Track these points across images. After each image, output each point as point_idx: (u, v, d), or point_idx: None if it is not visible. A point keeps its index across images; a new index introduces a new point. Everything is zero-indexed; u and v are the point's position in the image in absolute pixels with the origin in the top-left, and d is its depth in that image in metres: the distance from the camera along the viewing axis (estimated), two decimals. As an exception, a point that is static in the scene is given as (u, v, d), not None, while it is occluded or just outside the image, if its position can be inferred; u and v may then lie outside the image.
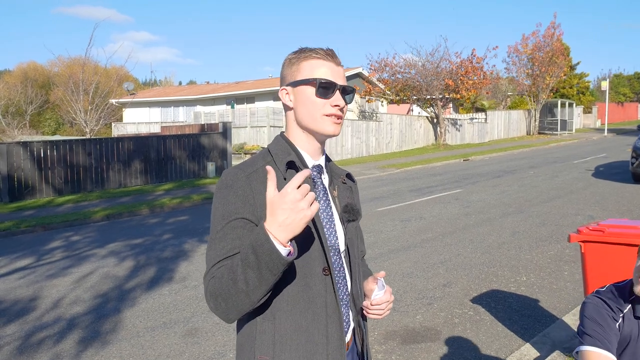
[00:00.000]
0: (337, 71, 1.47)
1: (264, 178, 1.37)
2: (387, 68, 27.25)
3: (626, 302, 1.94)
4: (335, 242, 1.47)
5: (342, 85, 1.46)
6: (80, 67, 22.01)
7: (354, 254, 1.53)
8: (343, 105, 1.46)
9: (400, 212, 9.97)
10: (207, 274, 1.33)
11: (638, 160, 12.18)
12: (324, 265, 1.40)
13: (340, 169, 1.63)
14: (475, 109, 35.57)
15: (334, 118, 1.45)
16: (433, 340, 4.30)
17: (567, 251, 6.78)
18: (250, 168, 1.41)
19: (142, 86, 55.02)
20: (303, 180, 1.21)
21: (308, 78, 1.44)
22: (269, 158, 1.46)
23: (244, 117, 24.25)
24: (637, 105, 53.88)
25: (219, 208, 1.38)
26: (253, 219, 1.36)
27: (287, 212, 1.19)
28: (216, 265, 1.32)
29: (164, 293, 5.77)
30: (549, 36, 30.99)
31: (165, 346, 4.38)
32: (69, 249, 8.14)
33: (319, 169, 1.51)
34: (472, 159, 20.82)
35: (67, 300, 5.64)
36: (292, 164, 1.44)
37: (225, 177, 1.40)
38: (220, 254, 1.33)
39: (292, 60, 1.48)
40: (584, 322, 1.95)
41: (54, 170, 14.25)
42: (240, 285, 1.24)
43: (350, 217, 1.52)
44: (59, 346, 4.45)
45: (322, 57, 1.46)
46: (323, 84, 1.43)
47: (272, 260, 1.20)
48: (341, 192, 1.56)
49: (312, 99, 1.44)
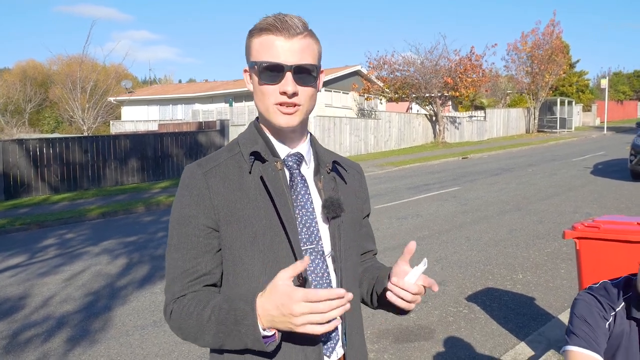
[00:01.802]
0: (289, 47, 1.19)
1: (225, 174, 1.23)
2: (385, 66, 27.15)
3: (619, 300, 1.87)
4: (319, 244, 1.26)
5: (293, 65, 1.18)
6: (79, 65, 21.91)
7: (339, 257, 1.27)
8: (292, 91, 1.18)
9: (397, 209, 9.90)
10: (170, 304, 1.21)
11: (637, 158, 12.11)
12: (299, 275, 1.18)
13: (331, 154, 1.39)
14: (474, 107, 35.48)
15: (283, 107, 1.20)
16: (427, 339, 4.24)
17: (564, 249, 6.71)
18: (210, 163, 1.25)
19: (140, 84, 54.96)
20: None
21: (253, 61, 1.22)
22: (236, 149, 1.28)
23: (242, 115, 24.19)
24: (637, 104, 53.80)
25: (174, 211, 1.26)
26: (210, 223, 1.21)
27: (276, 309, 1.06)
28: (178, 300, 1.20)
29: (155, 291, 5.71)
30: (548, 34, 30.88)
31: (155, 345, 4.31)
32: (63, 247, 8.07)
33: (298, 158, 1.29)
34: (470, 157, 20.75)
35: (58, 298, 5.57)
36: (257, 155, 1.25)
37: (183, 175, 1.26)
38: (177, 273, 1.21)
39: (248, 35, 1.25)
40: (573, 320, 1.88)
41: (50, 168, 14.17)
42: (206, 337, 1.16)
43: (330, 214, 1.26)
44: (47, 345, 4.38)
45: (270, 30, 1.19)
46: (267, 67, 1.18)
47: (248, 337, 1.09)
48: (326, 183, 1.31)
49: (258, 86, 1.22)
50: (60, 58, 39.40)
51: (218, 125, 18.39)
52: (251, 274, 1.21)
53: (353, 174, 1.44)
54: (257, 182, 1.23)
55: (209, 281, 1.23)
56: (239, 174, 1.24)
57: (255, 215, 1.21)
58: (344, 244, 1.29)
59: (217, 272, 1.24)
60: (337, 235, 1.28)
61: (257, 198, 1.22)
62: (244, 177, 1.23)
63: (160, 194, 13.30)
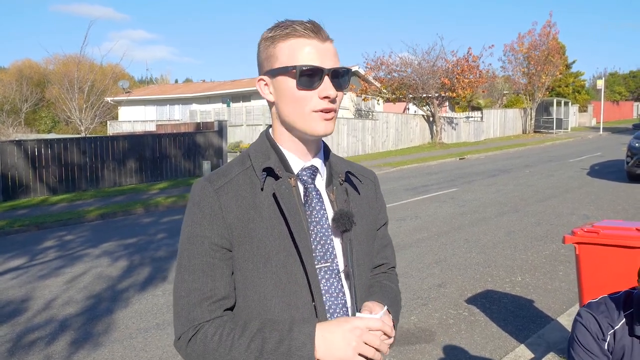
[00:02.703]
0: (324, 50, 1.16)
1: (238, 191, 1.18)
2: (383, 66, 27.20)
3: (620, 317, 1.91)
4: (334, 262, 1.21)
5: (331, 69, 1.15)
6: (76, 65, 21.88)
7: (353, 274, 1.22)
8: (335, 95, 1.16)
9: (396, 211, 9.95)
10: (188, 331, 1.13)
11: (633, 159, 12.20)
12: (311, 296, 1.17)
13: (344, 163, 1.34)
14: (471, 107, 35.58)
15: (324, 114, 1.16)
16: (428, 341, 4.28)
17: (562, 251, 6.77)
18: (221, 179, 1.19)
19: (137, 84, 54.84)
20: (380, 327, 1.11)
21: (287, 66, 1.14)
22: (248, 163, 1.22)
23: (239, 115, 24.21)
24: (633, 104, 54.03)
25: (185, 228, 1.19)
26: (223, 242, 1.16)
27: (342, 335, 1.08)
28: (201, 326, 1.12)
29: (157, 294, 5.74)
30: (544, 35, 31.00)
31: (159, 348, 4.34)
32: (62, 249, 8.09)
33: (312, 172, 1.24)
34: (467, 157, 20.82)
35: (60, 301, 5.60)
36: (270, 171, 1.19)
37: (193, 191, 1.19)
38: (194, 296, 1.14)
39: (267, 41, 1.19)
40: (574, 346, 1.94)
41: (48, 169, 14.17)
42: None
43: (340, 227, 1.19)
44: (51, 348, 4.41)
45: (303, 34, 1.15)
46: (306, 72, 1.13)
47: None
48: (338, 195, 1.26)
49: (294, 92, 1.15)
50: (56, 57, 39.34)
51: (216, 126, 18.40)
52: (262, 296, 1.17)
53: (367, 183, 1.38)
54: (270, 200, 1.18)
55: (227, 305, 1.17)
56: (251, 190, 1.19)
57: (268, 234, 1.16)
58: (356, 260, 1.24)
59: (233, 297, 1.19)
60: (348, 250, 1.22)
61: (271, 216, 1.17)
62: (256, 194, 1.18)
63: (159, 195, 13.31)
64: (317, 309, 1.16)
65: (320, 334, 1.08)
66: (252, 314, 1.17)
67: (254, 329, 1.11)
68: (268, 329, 1.10)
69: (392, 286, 1.39)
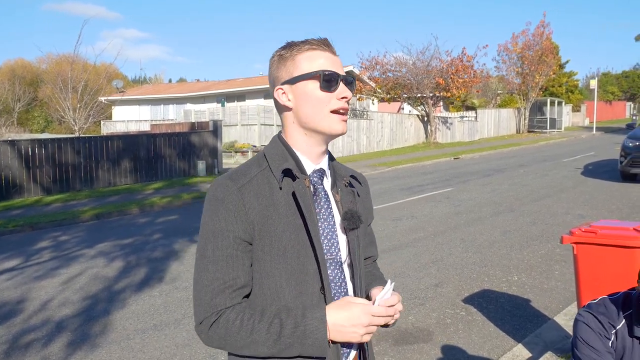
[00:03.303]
0: (335, 61, 1.35)
1: (258, 190, 1.30)
2: (378, 66, 27.27)
3: (620, 317, 1.92)
4: (337, 254, 1.36)
5: (344, 76, 1.35)
6: (69, 65, 21.73)
7: (357, 266, 1.39)
8: (350, 96, 1.35)
9: (391, 211, 9.97)
10: (210, 316, 1.25)
11: (627, 159, 12.27)
12: (321, 285, 1.31)
13: (346, 169, 1.51)
14: (465, 107, 35.69)
15: (341, 115, 1.34)
16: (425, 341, 4.30)
17: (558, 250, 6.81)
18: (243, 179, 1.31)
19: (131, 84, 54.63)
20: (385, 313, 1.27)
21: (310, 72, 1.31)
22: (264, 164, 1.35)
23: (234, 115, 24.15)
24: (625, 104, 54.39)
25: (209, 223, 1.29)
26: (246, 236, 1.27)
27: (348, 320, 1.24)
28: (223, 312, 1.25)
29: (154, 294, 5.72)
30: (538, 35, 31.16)
31: (156, 349, 4.33)
32: (58, 250, 8.05)
33: (321, 174, 1.39)
34: (462, 157, 20.89)
35: (56, 302, 5.57)
36: (288, 172, 1.32)
37: (215, 189, 1.30)
38: (217, 284, 1.26)
39: (284, 56, 1.35)
40: (578, 346, 1.94)
41: (42, 169, 14.09)
42: (259, 348, 1.24)
43: (350, 225, 1.36)
44: (47, 349, 4.39)
45: (318, 47, 1.34)
46: (327, 76, 1.31)
47: (314, 348, 1.23)
48: (344, 196, 1.42)
49: (316, 94, 1.32)
50: (49, 57, 39.16)
51: (211, 126, 18.36)
52: (277, 285, 1.29)
53: (364, 186, 1.55)
54: (287, 199, 1.31)
55: (245, 293, 1.30)
56: (269, 189, 1.31)
57: (285, 230, 1.29)
58: (357, 254, 1.40)
59: (251, 285, 1.31)
60: (356, 246, 1.39)
61: (287, 213, 1.30)
62: (274, 193, 1.31)
63: (154, 195, 13.27)
64: (325, 295, 1.31)
65: (332, 317, 1.24)
66: (267, 301, 1.30)
67: (271, 314, 1.25)
68: (284, 314, 1.24)
69: (382, 274, 1.64)
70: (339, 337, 1.24)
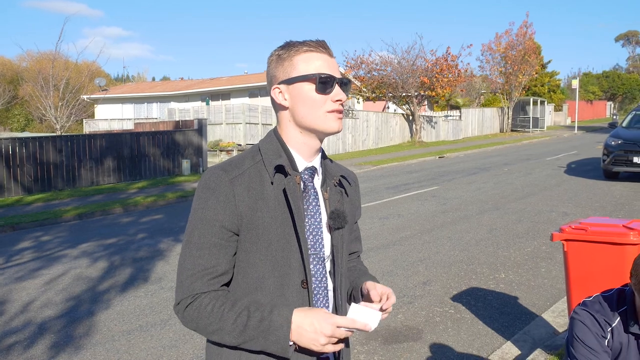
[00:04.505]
0: (332, 63, 1.39)
1: (249, 182, 1.33)
2: (363, 65, 27.29)
3: (615, 315, 1.92)
4: (321, 251, 1.40)
5: (340, 78, 1.38)
6: (50, 62, 21.41)
7: (339, 263, 1.43)
8: (345, 99, 1.38)
9: (378, 209, 9.96)
10: (186, 298, 1.29)
11: (609, 157, 12.43)
12: (303, 278, 1.35)
13: (338, 168, 1.53)
14: (449, 106, 35.91)
15: (337, 114, 1.37)
16: (415, 339, 4.28)
17: (544, 248, 6.86)
18: (236, 170, 1.34)
19: (114, 82, 54.01)
20: (353, 329, 1.27)
21: (306, 74, 1.35)
22: (258, 158, 1.38)
23: (219, 113, 23.99)
24: (606, 104, 55.21)
25: (198, 210, 1.32)
26: (233, 227, 1.31)
27: (311, 325, 1.24)
28: (198, 296, 1.29)
29: (139, 295, 5.63)
30: (521, 35, 31.45)
31: (142, 350, 4.25)
32: (39, 250, 7.90)
33: (312, 171, 1.42)
34: (447, 156, 21.00)
35: (38, 303, 5.45)
36: (281, 168, 1.35)
37: (208, 178, 1.33)
38: (197, 270, 1.30)
39: (282, 56, 1.38)
40: (574, 344, 1.93)
41: (23, 168, 13.83)
42: (225, 336, 1.27)
43: (336, 225, 1.40)
44: (30, 352, 4.28)
45: (315, 49, 1.37)
46: (323, 79, 1.34)
47: (276, 345, 1.24)
48: (332, 195, 1.45)
49: (312, 96, 1.35)
50: (30, 54, 38.45)
51: (196, 125, 18.20)
52: (261, 275, 1.34)
53: (354, 185, 1.58)
54: (277, 194, 1.34)
55: (224, 281, 1.34)
56: (261, 183, 1.34)
57: (272, 223, 1.32)
58: (340, 252, 1.44)
59: (231, 273, 1.35)
60: (340, 245, 1.43)
61: (276, 208, 1.33)
62: (265, 187, 1.34)
63: (138, 194, 13.11)
64: (308, 289, 1.35)
65: (295, 322, 1.25)
66: (249, 289, 1.34)
67: (242, 305, 1.28)
68: (253, 307, 1.27)
69: (366, 269, 1.66)
70: (302, 342, 1.25)
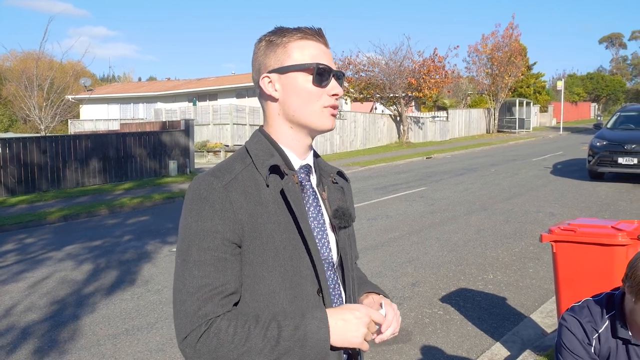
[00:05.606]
0: (328, 54, 1.26)
1: (244, 187, 1.18)
2: (350, 66, 27.30)
3: (603, 319, 1.91)
4: (329, 255, 1.27)
5: (336, 71, 1.25)
6: (34, 62, 21.11)
7: (348, 267, 1.31)
8: (341, 94, 1.26)
9: (366, 210, 9.95)
10: (199, 327, 1.09)
11: (595, 158, 12.55)
12: (317, 287, 1.21)
13: (330, 166, 1.41)
14: (437, 107, 36.10)
15: (332, 109, 1.25)
16: (404, 341, 4.27)
17: (531, 248, 6.89)
18: (227, 176, 1.18)
19: (100, 82, 53.50)
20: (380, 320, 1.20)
21: (303, 63, 1.21)
22: (248, 160, 1.23)
23: (206, 114, 23.86)
24: (590, 105, 55.86)
25: (192, 224, 1.15)
26: (234, 238, 1.15)
27: (351, 312, 1.16)
28: (212, 321, 1.09)
29: (125, 298, 5.55)
30: (507, 37, 31.73)
31: (129, 354, 4.19)
32: (23, 252, 7.76)
33: (307, 170, 1.29)
34: (434, 156, 21.08)
35: (21, 307, 5.35)
36: (275, 168, 1.21)
37: (198, 187, 1.16)
38: (205, 291, 1.11)
39: (274, 42, 1.23)
40: (562, 352, 1.94)
41: (7, 169, 13.61)
42: (255, 357, 1.09)
43: (342, 223, 1.28)
44: (12, 357, 4.19)
45: (311, 37, 1.24)
46: (320, 70, 1.21)
47: (315, 350, 1.12)
48: (331, 193, 1.33)
49: (308, 88, 1.22)
50: (13, 54, 37.83)
51: (182, 125, 18.07)
52: (271, 290, 1.18)
53: (343, 184, 1.45)
54: (275, 196, 1.20)
55: (236, 300, 1.16)
56: (256, 187, 1.20)
57: (275, 230, 1.18)
58: (348, 254, 1.33)
59: (239, 293, 1.18)
60: (347, 246, 1.33)
61: (276, 212, 1.19)
62: (261, 191, 1.19)
63: (124, 196, 12.97)
64: (324, 298, 1.21)
65: (333, 319, 1.14)
66: (259, 307, 1.17)
67: (267, 319, 1.13)
68: (281, 317, 1.13)
69: (365, 275, 1.57)
70: (341, 338, 1.13)
